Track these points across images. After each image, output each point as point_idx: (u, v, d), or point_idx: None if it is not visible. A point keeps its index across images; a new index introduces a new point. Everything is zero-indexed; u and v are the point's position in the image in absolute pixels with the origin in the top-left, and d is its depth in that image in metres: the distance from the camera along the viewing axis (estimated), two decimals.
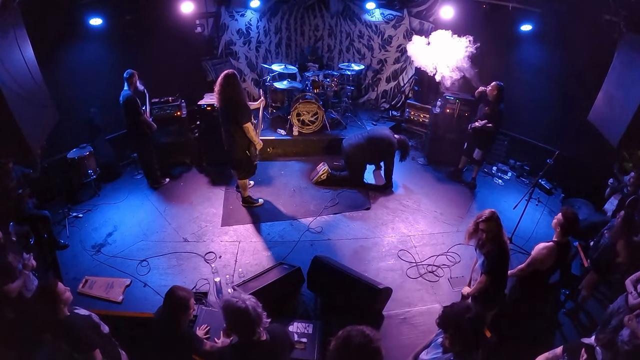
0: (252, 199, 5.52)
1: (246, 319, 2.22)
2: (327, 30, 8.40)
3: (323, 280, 3.81)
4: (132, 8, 6.00)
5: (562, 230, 3.31)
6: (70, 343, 2.60)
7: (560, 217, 3.35)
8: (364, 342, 1.82)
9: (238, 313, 2.22)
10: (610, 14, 4.48)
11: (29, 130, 3.84)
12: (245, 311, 2.21)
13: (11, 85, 3.61)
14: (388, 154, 5.79)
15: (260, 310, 2.29)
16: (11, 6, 3.81)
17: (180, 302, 2.67)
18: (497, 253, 3.16)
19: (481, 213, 3.23)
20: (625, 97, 4.26)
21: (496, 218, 3.15)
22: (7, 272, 3.10)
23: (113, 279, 4.28)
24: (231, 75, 4.56)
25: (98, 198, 5.70)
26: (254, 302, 2.28)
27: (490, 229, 3.15)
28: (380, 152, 5.80)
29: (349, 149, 5.82)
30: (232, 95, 4.58)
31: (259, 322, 2.26)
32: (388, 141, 5.70)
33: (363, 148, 5.71)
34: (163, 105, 6.16)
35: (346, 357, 1.85)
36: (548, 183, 6.11)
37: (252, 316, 2.22)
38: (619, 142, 4.26)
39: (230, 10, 7.37)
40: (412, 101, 7.38)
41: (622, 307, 3.24)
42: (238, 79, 4.63)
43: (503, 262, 3.20)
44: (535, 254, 3.35)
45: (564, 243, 3.36)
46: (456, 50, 5.78)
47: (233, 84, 4.55)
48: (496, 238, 3.16)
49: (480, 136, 5.71)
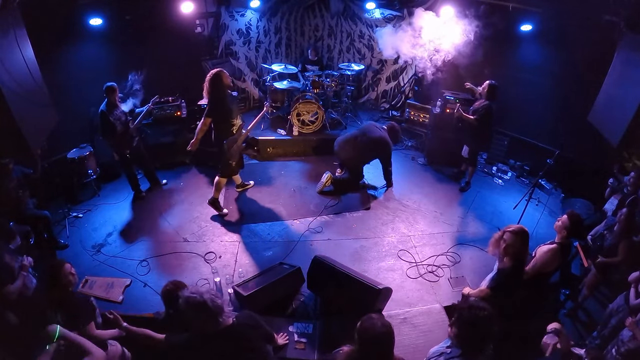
0: (219, 204, 5.32)
1: (206, 311, 2.27)
2: (327, 30, 8.40)
3: (323, 280, 3.80)
4: (132, 8, 5.99)
5: (568, 232, 3.29)
6: (70, 318, 2.78)
7: (565, 219, 3.32)
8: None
9: (198, 307, 2.27)
10: (610, 14, 4.48)
11: (29, 130, 3.85)
12: (204, 304, 2.26)
13: (11, 85, 3.62)
14: (384, 154, 5.71)
15: (220, 302, 2.35)
16: (11, 6, 3.81)
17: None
18: (509, 273, 3.06)
19: (511, 225, 3.14)
20: (625, 97, 4.26)
21: (522, 235, 3.03)
22: (6, 272, 3.09)
23: (113, 279, 4.28)
24: (215, 75, 4.65)
25: (98, 198, 5.70)
26: (212, 295, 2.34)
27: (513, 243, 3.02)
28: (376, 153, 5.71)
29: (342, 153, 5.75)
30: (211, 93, 4.70)
31: (220, 313, 2.33)
32: (383, 142, 5.58)
33: (357, 149, 5.59)
34: (163, 105, 6.16)
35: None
36: (548, 183, 6.11)
37: (212, 308, 2.28)
38: (619, 142, 4.26)
39: (230, 10, 7.37)
40: (412, 101, 7.38)
41: (622, 307, 3.25)
42: (222, 78, 4.68)
43: (510, 283, 3.09)
44: (539, 258, 3.32)
45: (567, 244, 3.35)
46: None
47: (217, 83, 4.66)
48: (516, 256, 3.04)
49: (468, 132, 5.71)
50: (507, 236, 3.05)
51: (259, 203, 5.59)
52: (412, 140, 7.35)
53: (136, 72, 5.63)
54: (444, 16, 6.07)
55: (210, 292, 2.35)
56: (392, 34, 6.51)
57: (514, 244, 3.02)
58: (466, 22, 5.74)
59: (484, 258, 4.72)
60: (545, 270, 3.31)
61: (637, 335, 2.76)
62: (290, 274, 3.94)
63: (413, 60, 6.64)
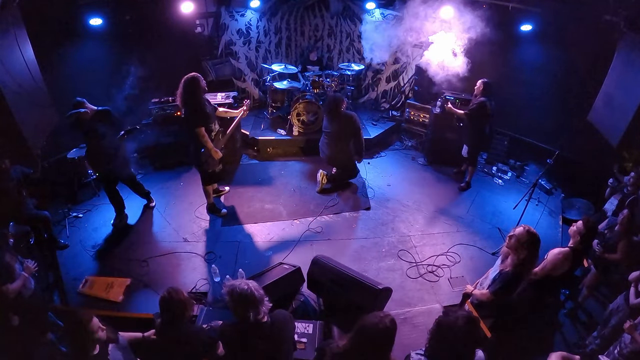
0: (217, 207, 5.30)
1: (249, 300, 2.40)
2: (327, 30, 8.39)
3: (323, 280, 3.80)
4: (132, 8, 6.00)
5: (582, 238, 3.27)
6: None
7: (580, 225, 3.29)
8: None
9: (242, 295, 2.39)
10: (610, 14, 4.48)
11: (29, 130, 3.85)
12: (248, 293, 2.40)
13: (11, 85, 3.62)
14: (354, 128, 5.55)
15: (262, 292, 2.50)
16: (11, 6, 3.81)
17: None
18: (511, 279, 3.01)
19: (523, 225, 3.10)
20: (625, 97, 4.26)
21: (531, 234, 2.98)
22: (5, 272, 3.09)
23: (113, 279, 4.28)
24: (190, 80, 4.40)
25: (98, 198, 5.69)
26: (256, 285, 2.49)
27: (519, 236, 2.98)
28: (351, 133, 5.58)
29: (326, 157, 5.80)
30: (188, 100, 4.44)
31: (262, 303, 2.46)
32: (348, 119, 5.47)
33: (333, 145, 5.59)
34: (163, 105, 6.15)
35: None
36: (548, 183, 6.11)
37: (256, 297, 2.42)
38: (619, 142, 4.27)
39: (230, 10, 7.37)
40: (412, 101, 7.38)
41: (622, 306, 3.26)
42: (198, 83, 4.43)
43: (512, 289, 3.07)
44: (550, 260, 3.29)
45: (580, 250, 3.32)
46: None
47: (192, 89, 4.40)
48: (522, 259, 2.98)
49: (465, 130, 5.71)
50: (518, 229, 3.02)
51: (259, 203, 5.59)
52: (412, 140, 7.35)
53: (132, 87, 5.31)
54: (444, 15, 6.07)
55: (250, 282, 2.48)
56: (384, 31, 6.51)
57: (519, 237, 2.99)
58: (466, 21, 5.74)
59: (484, 258, 4.72)
60: (555, 273, 3.26)
61: (636, 339, 2.76)
62: (290, 274, 3.93)
63: (412, 60, 6.64)
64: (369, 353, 2.11)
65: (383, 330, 2.08)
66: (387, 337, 2.11)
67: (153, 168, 6.38)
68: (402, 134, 7.55)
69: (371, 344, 2.10)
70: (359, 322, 2.14)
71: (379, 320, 2.09)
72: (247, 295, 2.40)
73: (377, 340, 2.09)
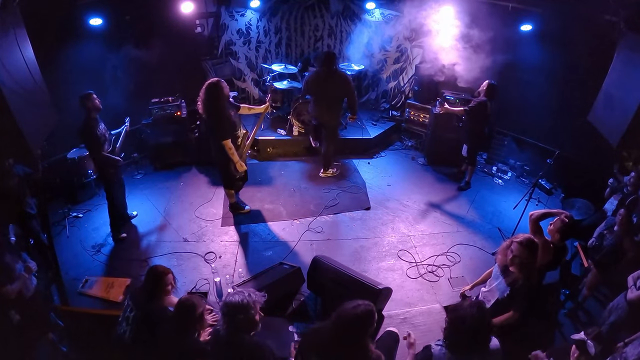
0: (240, 204, 5.31)
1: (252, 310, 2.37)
2: (327, 30, 8.39)
3: (323, 280, 3.80)
4: (132, 8, 5.99)
5: (561, 236, 3.31)
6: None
7: (557, 223, 3.33)
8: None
9: (244, 306, 2.35)
10: (610, 14, 4.48)
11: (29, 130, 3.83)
12: (249, 304, 2.36)
13: (11, 85, 3.61)
14: (352, 88, 5.69)
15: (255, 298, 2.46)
16: (11, 6, 3.80)
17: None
18: (527, 291, 2.91)
19: (519, 235, 3.02)
20: (625, 97, 4.25)
21: (530, 246, 2.88)
22: (5, 272, 3.09)
23: (113, 279, 4.28)
24: (213, 86, 4.21)
25: (98, 198, 5.68)
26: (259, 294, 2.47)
27: (520, 255, 2.88)
28: (344, 93, 5.67)
29: (319, 118, 5.84)
30: (211, 107, 4.27)
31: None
32: (343, 79, 5.57)
33: (329, 106, 5.64)
34: (163, 105, 6.15)
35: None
36: (548, 183, 6.11)
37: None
38: (619, 142, 4.25)
39: (230, 10, 7.37)
40: (412, 101, 7.38)
41: (621, 304, 3.25)
42: (222, 89, 4.25)
43: (532, 297, 2.97)
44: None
45: (560, 247, 3.34)
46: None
47: (216, 96, 4.23)
48: (524, 268, 2.91)
49: (464, 129, 5.70)
50: (514, 247, 2.91)
51: (259, 203, 5.59)
52: (412, 140, 7.35)
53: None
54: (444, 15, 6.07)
55: (255, 292, 2.46)
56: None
57: (521, 256, 2.88)
58: (466, 21, 5.75)
59: (484, 258, 4.73)
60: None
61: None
62: (290, 274, 3.94)
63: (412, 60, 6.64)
64: (344, 337, 2.21)
65: (359, 316, 2.18)
66: (362, 322, 2.21)
67: (153, 168, 6.39)
68: (402, 134, 7.55)
69: (346, 328, 2.20)
70: (339, 307, 2.26)
71: (356, 305, 2.22)
72: (248, 306, 2.36)
73: (352, 324, 2.19)
